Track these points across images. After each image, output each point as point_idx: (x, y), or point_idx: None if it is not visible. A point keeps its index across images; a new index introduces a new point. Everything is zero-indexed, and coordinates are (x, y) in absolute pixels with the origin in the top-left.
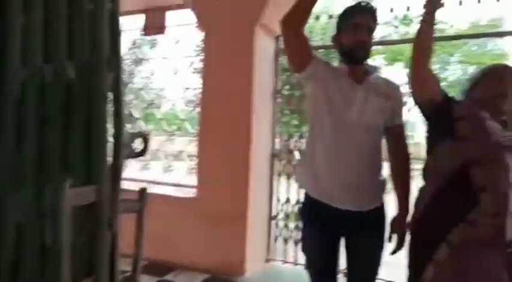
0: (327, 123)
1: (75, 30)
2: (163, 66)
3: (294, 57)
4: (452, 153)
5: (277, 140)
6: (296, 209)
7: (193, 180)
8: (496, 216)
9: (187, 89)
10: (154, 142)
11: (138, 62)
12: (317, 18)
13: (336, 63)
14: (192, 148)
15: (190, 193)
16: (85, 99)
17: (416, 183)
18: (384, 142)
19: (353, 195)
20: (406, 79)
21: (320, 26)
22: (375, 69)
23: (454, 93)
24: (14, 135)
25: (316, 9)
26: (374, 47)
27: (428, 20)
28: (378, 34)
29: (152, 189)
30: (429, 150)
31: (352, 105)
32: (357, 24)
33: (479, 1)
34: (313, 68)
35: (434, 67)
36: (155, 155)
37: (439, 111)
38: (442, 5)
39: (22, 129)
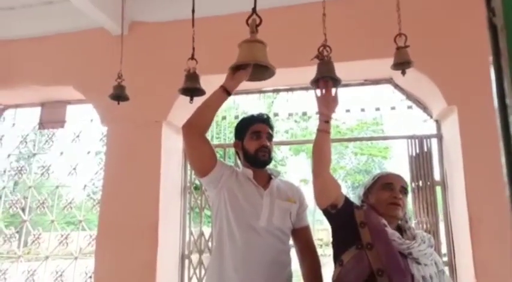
0: (236, 229)
1: None
2: (63, 162)
3: (196, 162)
4: (359, 262)
5: (188, 235)
6: None
7: None
8: None
9: (85, 186)
10: (44, 247)
11: (31, 157)
12: (224, 118)
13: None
14: (90, 249)
15: None
16: None
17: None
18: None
19: None
20: (309, 168)
21: (228, 125)
22: (277, 173)
23: (351, 180)
24: None
25: (222, 108)
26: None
27: (325, 128)
28: (283, 128)
29: None
30: (336, 258)
31: (260, 211)
32: (258, 132)
33: (362, 110)
34: (216, 174)
35: (333, 157)
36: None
37: (341, 215)
38: (334, 110)
39: None
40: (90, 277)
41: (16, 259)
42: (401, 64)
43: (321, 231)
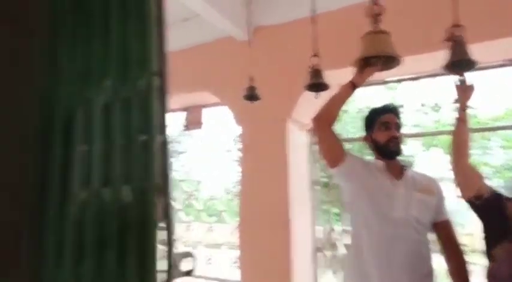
0: (373, 221)
1: (130, 158)
2: (202, 159)
3: (327, 153)
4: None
5: (318, 230)
6: None
7: (235, 274)
8: None
9: (222, 181)
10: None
11: (177, 155)
12: (345, 111)
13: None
14: (233, 238)
15: None
16: (139, 223)
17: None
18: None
19: None
20: (443, 164)
21: (350, 119)
22: (410, 164)
23: (503, 179)
24: (73, 257)
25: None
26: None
27: (463, 117)
28: (411, 121)
29: None
30: (488, 253)
31: (395, 202)
32: (386, 123)
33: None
34: (347, 166)
35: (474, 152)
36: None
37: (489, 207)
38: (471, 95)
39: (81, 251)
40: (235, 262)
41: None
42: None
43: (465, 236)
